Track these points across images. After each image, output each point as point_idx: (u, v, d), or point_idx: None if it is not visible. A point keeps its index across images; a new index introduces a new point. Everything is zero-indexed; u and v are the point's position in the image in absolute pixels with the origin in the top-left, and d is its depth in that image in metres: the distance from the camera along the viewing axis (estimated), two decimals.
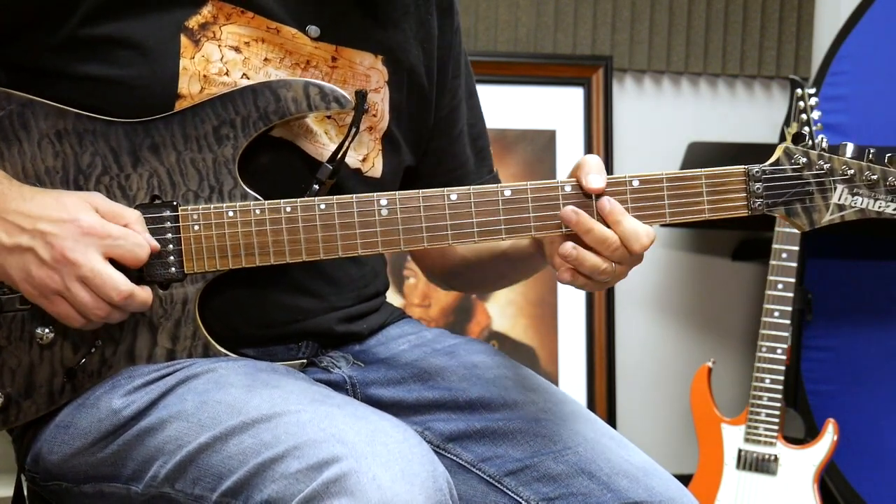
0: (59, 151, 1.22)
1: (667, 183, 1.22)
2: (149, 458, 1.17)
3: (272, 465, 1.07)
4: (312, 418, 1.09)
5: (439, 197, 1.22)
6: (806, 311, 2.69)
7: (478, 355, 1.38)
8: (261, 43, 1.26)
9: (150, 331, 1.23)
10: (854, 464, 2.77)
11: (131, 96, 1.22)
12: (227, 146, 1.23)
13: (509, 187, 1.23)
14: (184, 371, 1.21)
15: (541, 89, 2.88)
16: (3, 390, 1.23)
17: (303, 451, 1.05)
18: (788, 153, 1.24)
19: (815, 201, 1.25)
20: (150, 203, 1.22)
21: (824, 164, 1.24)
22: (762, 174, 1.24)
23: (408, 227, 1.22)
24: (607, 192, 1.21)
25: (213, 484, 1.11)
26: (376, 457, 1.04)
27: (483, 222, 1.22)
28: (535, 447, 1.27)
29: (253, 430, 1.10)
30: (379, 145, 1.36)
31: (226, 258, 1.22)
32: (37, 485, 1.28)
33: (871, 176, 1.24)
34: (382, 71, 1.35)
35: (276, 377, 1.20)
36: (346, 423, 1.08)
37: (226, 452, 1.11)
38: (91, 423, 1.21)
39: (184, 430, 1.15)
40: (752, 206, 1.24)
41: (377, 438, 1.07)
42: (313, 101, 1.23)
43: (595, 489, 1.24)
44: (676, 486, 1.26)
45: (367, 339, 1.39)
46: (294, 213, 1.22)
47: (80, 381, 1.24)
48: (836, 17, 2.97)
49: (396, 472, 1.03)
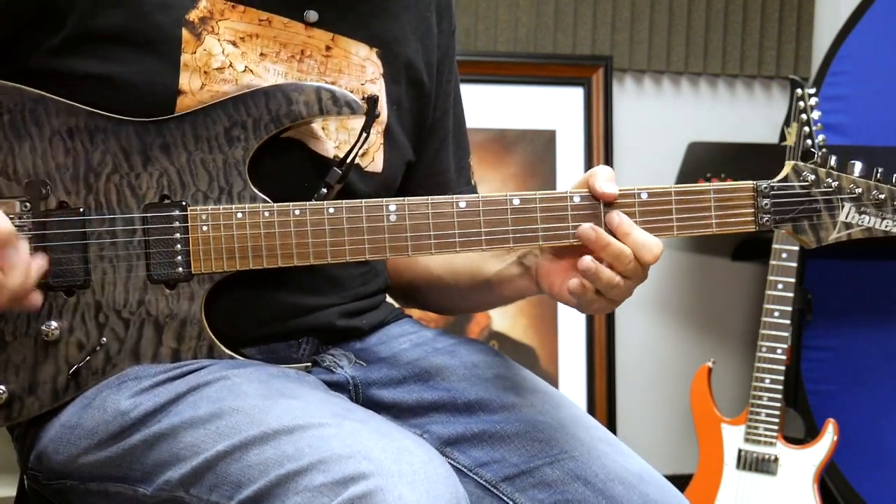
0: (71, 149, 1.22)
1: (675, 196, 1.23)
2: (161, 462, 1.17)
3: (295, 477, 1.06)
4: (337, 433, 1.09)
5: (448, 204, 1.23)
6: (806, 311, 2.69)
7: (478, 354, 1.37)
8: (255, 38, 1.26)
9: (155, 330, 1.23)
10: (854, 464, 2.77)
11: (132, 93, 1.22)
12: (238, 148, 1.23)
13: (518, 196, 1.23)
14: (194, 377, 1.21)
15: (541, 89, 2.88)
16: (7, 386, 1.23)
17: (328, 466, 1.05)
18: (797, 170, 1.25)
19: (823, 219, 1.25)
20: (159, 202, 1.23)
21: (832, 181, 1.25)
22: (770, 190, 1.24)
23: (416, 234, 1.22)
24: (617, 205, 1.22)
25: (231, 492, 1.11)
26: (402, 476, 1.04)
27: (491, 231, 1.22)
28: (533, 452, 1.27)
29: (274, 442, 1.10)
30: (380, 139, 1.36)
31: (233, 259, 1.22)
32: (39, 484, 1.28)
33: (878, 195, 1.25)
34: (377, 63, 1.35)
35: (290, 386, 1.20)
36: (372, 440, 1.09)
37: (245, 461, 1.11)
38: (98, 423, 1.20)
39: (200, 437, 1.14)
40: (760, 221, 1.24)
41: (403, 457, 1.07)
42: (325, 106, 1.23)
43: (590, 496, 1.24)
44: (672, 493, 1.25)
45: (368, 337, 1.39)
46: (303, 217, 1.22)
47: (84, 378, 1.23)
48: (836, 17, 2.98)
49: (422, 492, 1.04)
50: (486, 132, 2.81)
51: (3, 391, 1.23)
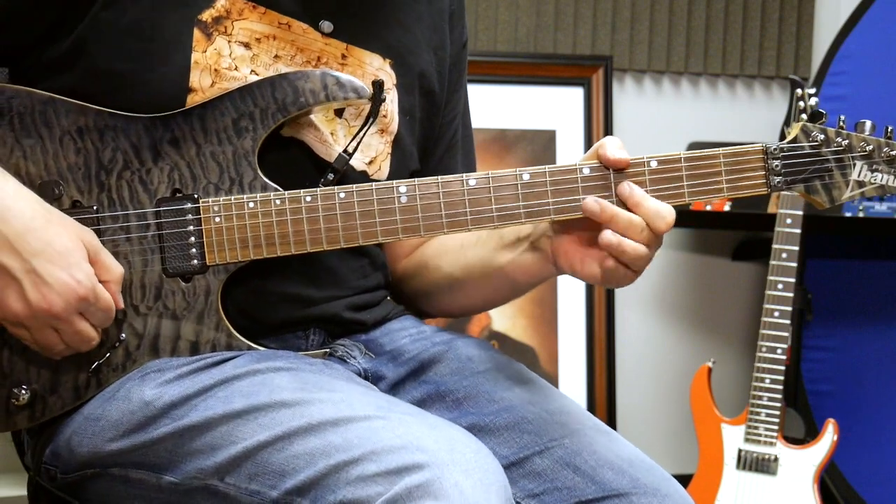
0: (81, 148, 1.23)
1: (685, 163, 1.22)
2: (193, 451, 1.17)
3: (346, 467, 1.07)
4: (385, 425, 1.10)
5: (458, 183, 1.23)
6: (806, 311, 2.69)
7: (472, 349, 1.38)
8: (272, 40, 1.27)
9: (173, 324, 1.24)
10: (854, 464, 2.77)
11: (143, 89, 1.22)
12: (247, 138, 1.24)
13: (528, 171, 1.23)
14: (219, 371, 1.21)
15: (541, 89, 2.88)
16: (30, 386, 1.23)
17: (380, 457, 1.06)
18: (806, 130, 1.23)
19: (835, 178, 1.24)
20: (171, 196, 1.23)
21: (842, 140, 1.23)
22: (780, 152, 1.23)
23: (427, 213, 1.22)
24: (627, 174, 1.21)
25: (275, 481, 1.11)
26: (456, 465, 1.06)
27: (502, 207, 1.22)
28: (522, 443, 1.27)
29: (320, 433, 1.10)
30: (388, 148, 1.36)
31: (247, 249, 1.23)
32: (53, 480, 1.27)
33: (890, 152, 1.23)
34: (391, 74, 1.35)
35: (324, 378, 1.20)
36: (422, 431, 1.09)
37: (290, 451, 1.11)
38: (123, 414, 1.21)
39: (237, 427, 1.15)
40: (772, 183, 1.23)
41: (456, 448, 1.08)
42: (331, 92, 1.24)
43: (580, 482, 1.23)
44: (662, 476, 1.25)
45: (372, 330, 1.39)
46: (314, 203, 1.22)
47: (105, 375, 1.24)
48: (836, 17, 2.98)
49: (476, 480, 1.05)
50: (486, 132, 2.81)
51: (25, 391, 1.23)
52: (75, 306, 1.16)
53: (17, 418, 1.25)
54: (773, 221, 2.49)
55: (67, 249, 1.16)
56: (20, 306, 1.15)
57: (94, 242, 1.19)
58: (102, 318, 1.19)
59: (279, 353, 1.27)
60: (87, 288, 1.16)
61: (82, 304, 1.16)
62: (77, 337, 1.18)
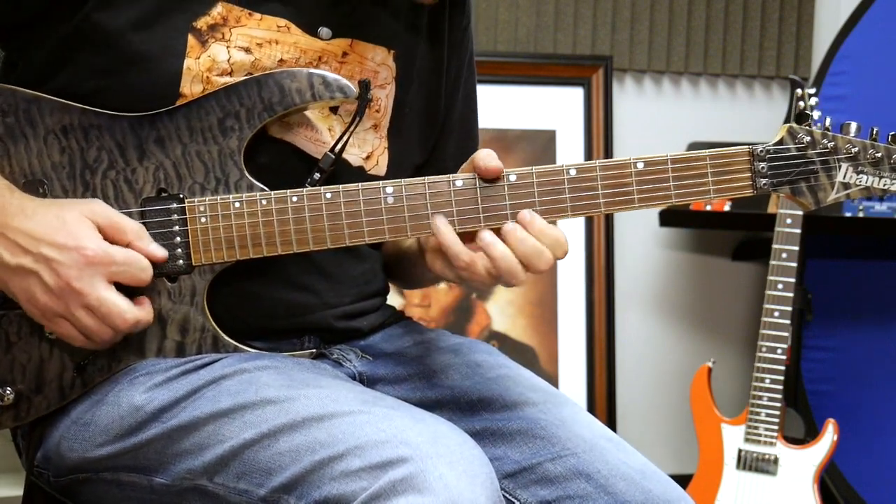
0: (66, 147, 1.22)
1: (671, 164, 1.22)
2: (181, 452, 1.17)
3: (331, 463, 1.07)
4: (369, 419, 1.10)
5: (445, 184, 1.22)
6: (806, 311, 2.69)
7: (480, 354, 1.38)
8: (274, 45, 1.26)
9: (159, 324, 1.23)
10: (854, 464, 2.77)
11: (133, 93, 1.22)
12: (233, 138, 1.23)
13: (514, 172, 1.23)
14: (208, 371, 1.21)
15: (541, 89, 2.88)
16: (14, 386, 1.23)
17: (364, 451, 1.06)
18: (792, 132, 1.24)
19: (821, 180, 1.24)
20: (156, 196, 1.23)
21: (828, 142, 1.24)
22: (766, 153, 1.23)
23: (414, 214, 1.22)
24: (614, 174, 1.22)
25: (262, 479, 1.12)
26: (440, 457, 1.06)
27: (488, 208, 1.22)
28: (534, 449, 1.27)
29: (305, 430, 1.11)
30: (385, 143, 1.36)
31: (233, 249, 1.22)
32: (47, 482, 1.28)
33: (875, 154, 1.23)
34: (392, 67, 1.35)
35: (311, 376, 1.20)
36: (406, 425, 1.10)
37: (275, 449, 1.11)
38: (112, 419, 1.21)
39: (224, 426, 1.15)
40: (758, 185, 1.23)
41: (439, 440, 1.09)
42: (317, 91, 1.23)
43: (592, 492, 1.23)
44: (674, 489, 1.25)
45: (369, 336, 1.39)
46: (300, 203, 1.22)
47: (90, 375, 1.24)
48: (836, 17, 2.98)
49: (460, 471, 1.06)
50: (487, 132, 2.81)
51: (9, 392, 1.23)
52: (90, 272, 1.15)
53: (3, 418, 1.25)
54: (773, 221, 2.49)
55: (67, 224, 1.16)
56: (47, 297, 1.15)
57: (102, 210, 1.18)
58: (133, 274, 1.17)
59: (266, 353, 1.27)
60: (94, 251, 1.15)
61: (97, 268, 1.15)
62: (104, 309, 1.16)
